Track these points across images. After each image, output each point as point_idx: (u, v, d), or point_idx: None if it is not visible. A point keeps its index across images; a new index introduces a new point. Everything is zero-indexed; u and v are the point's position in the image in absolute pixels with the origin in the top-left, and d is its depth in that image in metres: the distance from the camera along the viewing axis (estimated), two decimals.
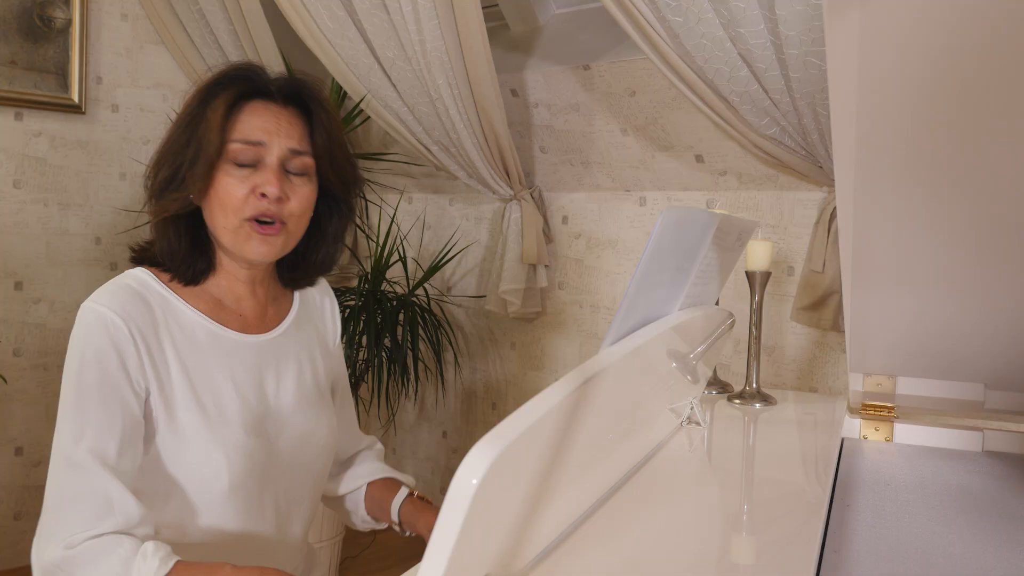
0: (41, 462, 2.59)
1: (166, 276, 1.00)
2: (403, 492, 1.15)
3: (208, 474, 0.95)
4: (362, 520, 1.19)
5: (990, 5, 0.51)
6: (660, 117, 2.12)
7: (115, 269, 2.72)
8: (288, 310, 1.10)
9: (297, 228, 1.01)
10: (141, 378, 0.93)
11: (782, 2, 1.55)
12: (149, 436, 0.95)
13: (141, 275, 0.99)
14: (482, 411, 2.73)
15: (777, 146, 1.82)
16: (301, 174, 1.00)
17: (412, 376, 2.55)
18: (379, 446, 1.26)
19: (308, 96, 1.02)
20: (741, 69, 1.70)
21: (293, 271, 1.09)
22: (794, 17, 1.56)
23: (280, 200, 0.97)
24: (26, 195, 2.53)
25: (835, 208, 1.80)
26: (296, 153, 0.99)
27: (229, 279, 1.03)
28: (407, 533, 1.14)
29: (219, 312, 1.02)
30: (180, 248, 0.99)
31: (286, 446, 1.03)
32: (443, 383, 2.76)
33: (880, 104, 0.62)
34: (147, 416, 0.95)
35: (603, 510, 0.79)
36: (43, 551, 0.88)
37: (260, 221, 0.97)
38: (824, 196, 1.90)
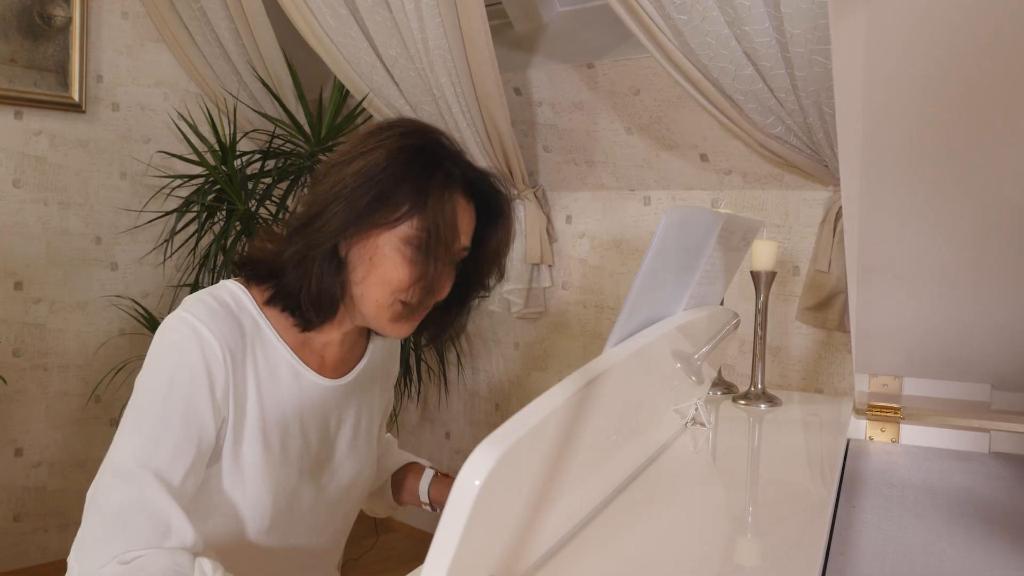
0: (41, 463, 2.58)
1: (260, 295, 0.96)
2: (428, 474, 1.19)
3: (252, 513, 0.95)
4: (390, 506, 1.24)
5: (996, 3, 0.50)
6: (664, 116, 2.12)
7: (115, 269, 2.71)
8: (360, 357, 1.07)
9: (430, 306, 0.98)
10: (224, 406, 0.91)
11: (787, 0, 1.54)
12: (213, 460, 0.93)
13: (238, 292, 0.95)
14: (485, 412, 2.72)
15: (782, 145, 1.82)
16: (455, 262, 0.97)
17: (415, 377, 2.56)
18: (390, 437, 1.28)
19: (501, 205, 0.98)
20: (746, 67, 1.69)
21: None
22: (799, 15, 1.55)
23: None
24: (26, 194, 2.53)
25: (841, 207, 1.79)
26: (464, 249, 0.97)
27: (331, 327, 0.99)
28: (438, 510, 1.16)
29: (303, 350, 0.99)
30: (338, 296, 0.94)
31: (335, 492, 1.04)
32: (446, 384, 2.76)
33: (886, 102, 0.61)
34: (216, 440, 0.93)
35: (607, 511, 0.79)
36: (92, 560, 0.84)
37: (408, 304, 0.94)
38: (830, 195, 1.89)
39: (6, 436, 2.53)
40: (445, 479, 1.19)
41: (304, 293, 0.93)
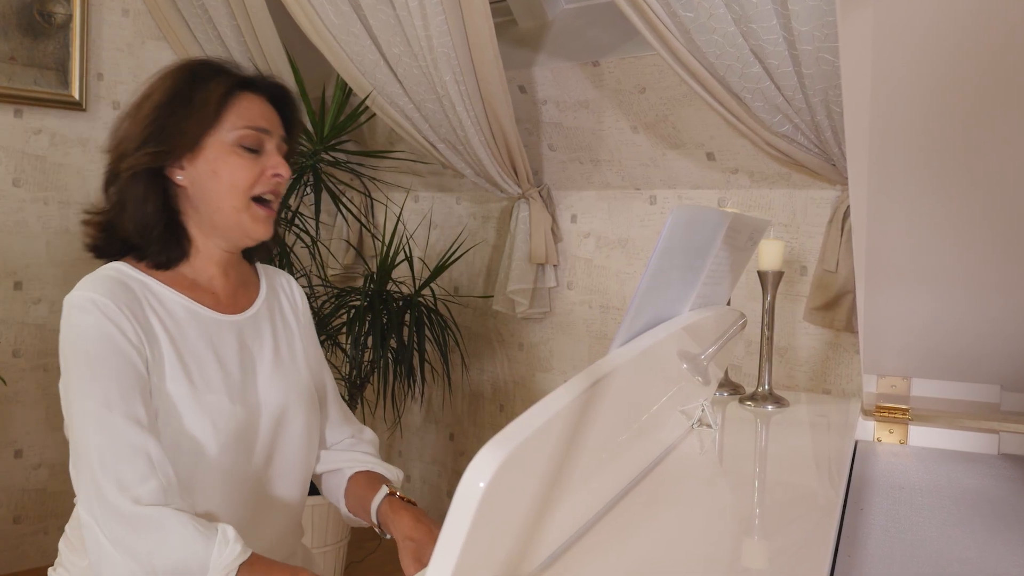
0: (41, 464, 2.57)
1: (142, 265, 1.05)
2: (382, 492, 1.11)
3: (197, 440, 0.99)
4: (345, 517, 1.19)
5: (1004, 2, 0.50)
6: (671, 114, 2.11)
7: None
8: (257, 292, 1.16)
9: (277, 206, 1.11)
10: (141, 347, 0.98)
11: None
12: None
13: (116, 265, 1.04)
14: (489, 413, 2.72)
15: (790, 144, 1.81)
16: (283, 159, 1.10)
17: (418, 377, 2.55)
18: (369, 434, 1.24)
19: (289, 97, 1.13)
20: (753, 65, 1.68)
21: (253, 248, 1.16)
22: (807, 12, 1.54)
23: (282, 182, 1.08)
24: (26, 193, 2.51)
25: (848, 207, 1.78)
26: (284, 141, 1.10)
27: (204, 262, 1.08)
28: (385, 535, 1.10)
29: (195, 292, 1.07)
30: (156, 226, 1.04)
31: (266, 421, 1.07)
32: (450, 384, 2.75)
33: (894, 100, 0.61)
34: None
35: (613, 513, 0.78)
36: (103, 503, 0.91)
37: (261, 201, 1.05)
38: (837, 195, 1.88)
39: (6, 437, 2.51)
40: (397, 502, 1.09)
41: (132, 225, 1.03)
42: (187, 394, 1.00)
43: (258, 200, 1.05)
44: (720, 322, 1.02)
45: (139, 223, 1.03)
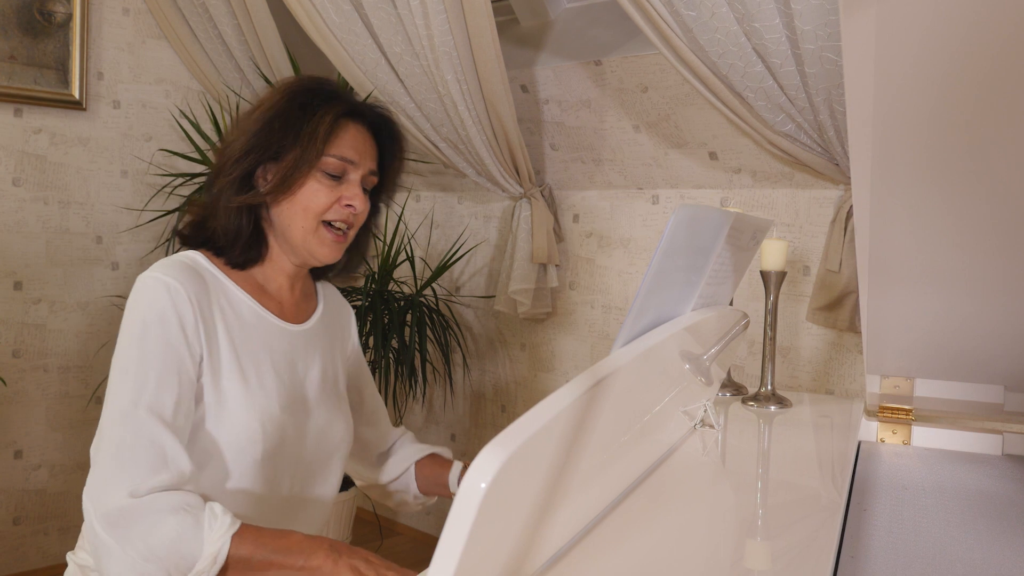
0: (41, 465, 2.56)
1: (219, 260, 1.08)
2: (458, 466, 1.25)
3: (245, 441, 1.01)
4: (414, 498, 1.28)
5: (1008, 0, 0.50)
6: (673, 113, 2.11)
7: (116, 269, 2.70)
8: (315, 309, 1.19)
9: (352, 235, 1.13)
10: (196, 342, 1.00)
11: None
12: (197, 398, 1.01)
13: (194, 255, 1.07)
14: (491, 413, 2.72)
15: (792, 143, 1.80)
16: (367, 190, 1.12)
17: (420, 378, 2.55)
18: (410, 433, 1.34)
19: (392, 130, 1.15)
20: (756, 64, 1.68)
21: (330, 267, 1.20)
22: (810, 11, 1.54)
23: (359, 215, 1.10)
24: (26, 193, 2.51)
25: (852, 206, 1.78)
26: (372, 174, 1.12)
27: (275, 271, 1.12)
28: None
29: (261, 297, 1.10)
30: (243, 234, 1.08)
31: (312, 430, 1.11)
32: (451, 385, 2.75)
33: (897, 99, 0.61)
34: (198, 380, 1.01)
35: (615, 514, 0.78)
36: (104, 496, 0.92)
37: (333, 227, 1.08)
38: (840, 194, 1.88)
39: (6, 438, 2.51)
40: None
41: (220, 229, 1.07)
42: (240, 393, 1.02)
43: (329, 224, 1.08)
44: (723, 322, 1.01)
45: (227, 226, 1.07)
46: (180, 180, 2.67)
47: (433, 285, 2.62)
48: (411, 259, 2.66)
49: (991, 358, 1.03)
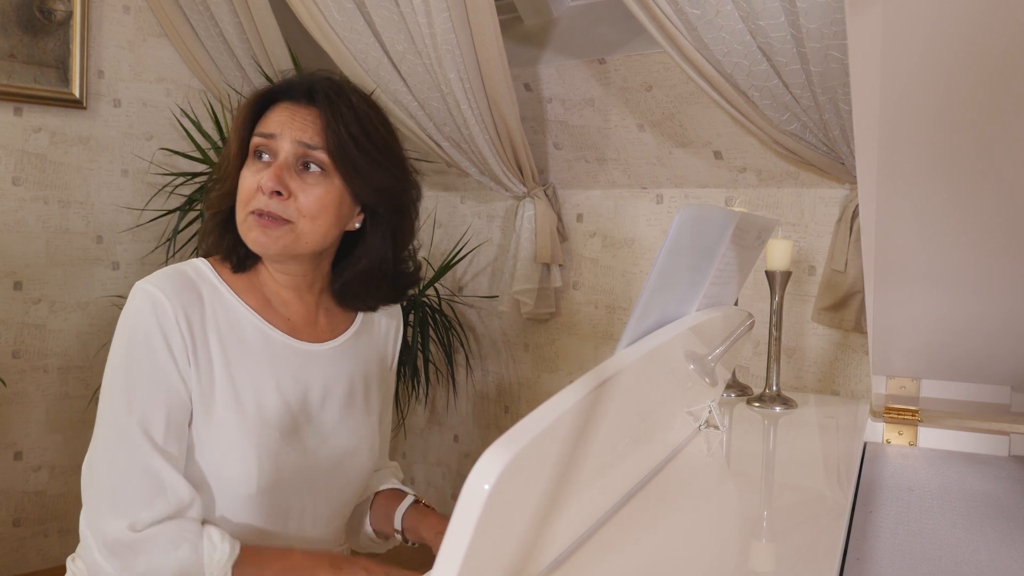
0: (41, 467, 2.56)
1: (225, 267, 1.02)
2: (408, 500, 1.13)
3: (236, 475, 0.95)
4: (367, 537, 1.17)
5: None
6: (677, 112, 2.10)
7: (116, 269, 2.69)
8: (347, 326, 1.08)
9: (311, 229, 0.97)
10: (185, 365, 0.93)
11: None
12: (187, 424, 0.95)
13: (200, 264, 1.01)
14: (494, 414, 2.71)
15: (798, 142, 1.79)
16: (317, 172, 0.97)
17: (423, 378, 2.54)
18: (395, 471, 1.23)
19: (321, 90, 0.98)
20: (761, 63, 1.67)
21: (342, 285, 1.06)
22: (815, 9, 1.53)
23: (282, 196, 0.95)
24: (26, 192, 2.49)
25: (857, 206, 1.77)
26: (308, 147, 0.96)
27: (269, 280, 1.03)
28: (410, 543, 1.12)
29: (268, 312, 1.01)
30: (224, 242, 1.01)
31: (325, 460, 1.02)
32: (454, 386, 2.75)
33: (904, 98, 0.60)
34: (189, 399, 0.95)
35: (619, 516, 0.78)
36: (104, 524, 0.89)
37: (261, 214, 0.96)
38: (846, 194, 1.87)
39: (5, 439, 2.50)
40: (424, 508, 1.12)
41: (220, 239, 1.02)
42: (235, 424, 0.94)
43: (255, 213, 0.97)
44: (727, 322, 1.01)
45: (213, 243, 1.03)
46: (181, 179, 2.67)
47: (436, 285, 2.62)
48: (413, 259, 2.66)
49: (998, 358, 1.03)
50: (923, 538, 0.78)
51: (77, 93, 2.54)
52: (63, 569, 1.09)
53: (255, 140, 0.98)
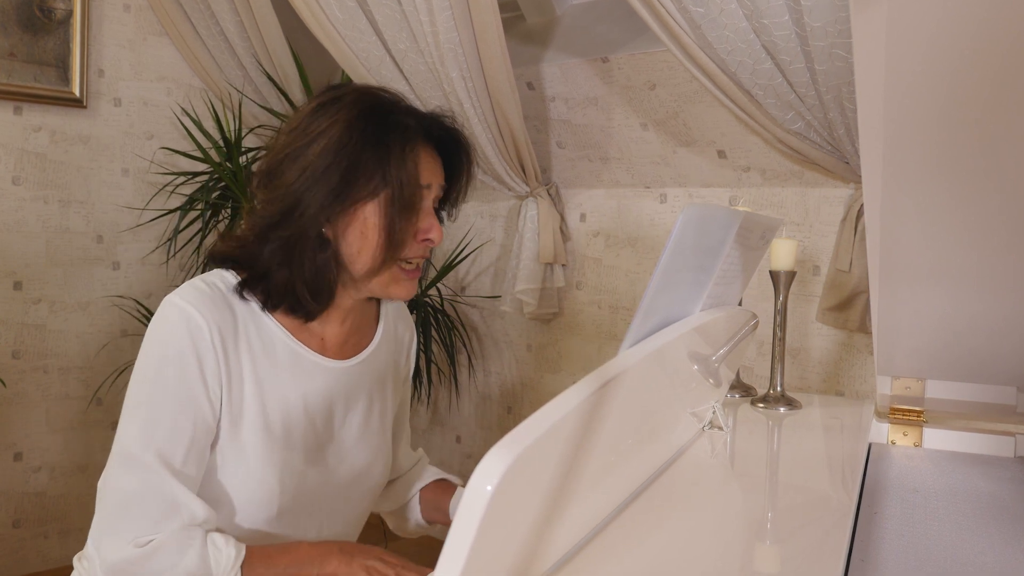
0: (41, 467, 2.55)
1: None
2: (461, 491, 1.16)
3: (259, 497, 0.94)
4: (416, 525, 1.19)
5: None
6: (681, 111, 2.10)
7: (117, 269, 2.69)
8: (369, 340, 1.08)
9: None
10: (217, 385, 0.92)
11: None
12: (212, 444, 0.94)
13: (230, 278, 0.96)
14: (497, 415, 2.71)
15: (802, 141, 1.79)
16: (438, 209, 1.02)
17: (425, 379, 2.54)
18: (426, 458, 1.26)
19: (460, 140, 1.01)
20: (765, 61, 1.67)
21: None
22: (820, 8, 1.52)
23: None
24: (26, 192, 2.49)
25: (862, 205, 1.76)
26: (442, 188, 1.00)
27: (331, 309, 1.00)
28: None
29: (300, 331, 0.99)
30: (334, 285, 0.96)
31: (344, 477, 1.02)
32: (457, 386, 2.75)
33: (908, 97, 0.60)
34: (216, 422, 0.94)
35: (622, 517, 0.77)
36: (109, 548, 0.89)
37: (408, 262, 0.98)
38: (851, 193, 1.86)
39: (5, 440, 2.49)
40: None
41: (299, 285, 0.95)
42: (261, 447, 0.93)
43: (404, 261, 0.97)
44: (732, 323, 1.01)
45: (314, 286, 0.94)
46: (182, 179, 2.67)
47: (438, 285, 2.62)
48: None
49: (1003, 358, 1.02)
50: (928, 540, 0.78)
51: (77, 92, 2.54)
52: (63, 571, 1.09)
53: (419, 191, 0.95)
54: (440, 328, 2.55)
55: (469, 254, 2.67)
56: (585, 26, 2.30)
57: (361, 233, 0.94)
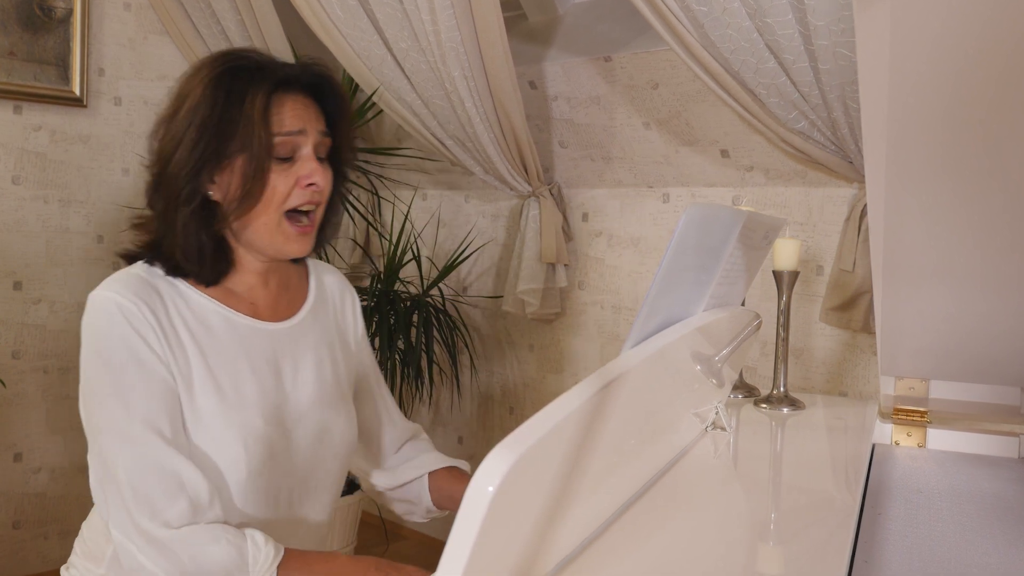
0: (41, 468, 2.55)
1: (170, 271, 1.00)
2: None
3: (226, 461, 0.95)
4: (427, 511, 1.20)
5: None
6: (684, 110, 2.09)
7: (117, 269, 2.69)
8: (303, 300, 1.09)
9: (320, 213, 1.02)
10: (166, 355, 0.93)
11: None
12: None
13: (144, 265, 1.00)
14: (499, 416, 2.71)
15: (805, 141, 1.79)
16: (325, 158, 1.02)
17: (426, 379, 2.54)
18: (424, 435, 1.25)
19: (328, 84, 1.02)
20: (768, 61, 1.67)
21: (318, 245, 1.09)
22: (823, 7, 1.52)
23: (318, 187, 0.99)
24: (25, 191, 2.49)
25: (866, 205, 1.76)
26: (324, 135, 1.00)
27: (243, 272, 1.02)
28: None
29: (229, 299, 1.01)
30: (207, 249, 0.98)
31: (304, 439, 1.03)
32: (459, 387, 2.75)
33: (912, 97, 0.60)
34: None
35: (625, 518, 0.77)
36: (138, 524, 0.89)
37: (298, 212, 0.98)
38: (854, 193, 1.86)
39: (5, 441, 2.49)
40: None
41: (179, 251, 0.97)
42: (217, 410, 0.95)
43: (293, 214, 0.98)
44: (734, 323, 1.00)
45: (186, 246, 0.97)
46: None
47: (440, 285, 2.62)
48: (417, 259, 2.66)
49: (1007, 359, 1.02)
50: (932, 541, 0.78)
51: (77, 91, 2.53)
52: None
53: (281, 141, 0.96)
54: (442, 328, 2.55)
55: (471, 254, 2.67)
56: (587, 25, 2.30)
57: (238, 187, 0.95)
